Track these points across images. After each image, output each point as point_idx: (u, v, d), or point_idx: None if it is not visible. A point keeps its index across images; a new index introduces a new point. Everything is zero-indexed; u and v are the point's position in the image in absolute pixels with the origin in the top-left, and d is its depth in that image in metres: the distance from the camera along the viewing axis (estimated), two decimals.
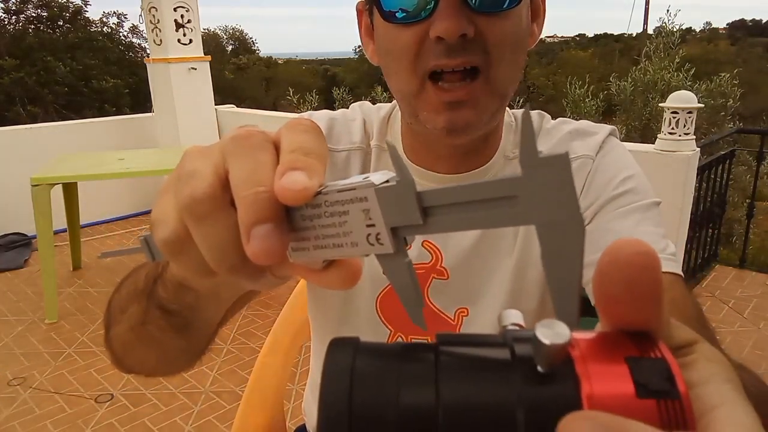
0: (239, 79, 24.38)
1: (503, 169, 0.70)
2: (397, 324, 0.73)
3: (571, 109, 6.25)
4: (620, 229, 0.63)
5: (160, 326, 0.46)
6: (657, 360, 0.20)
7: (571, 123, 0.73)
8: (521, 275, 0.70)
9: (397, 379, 0.21)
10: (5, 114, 14.92)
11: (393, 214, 0.25)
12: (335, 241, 0.26)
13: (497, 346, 0.22)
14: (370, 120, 0.74)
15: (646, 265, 0.20)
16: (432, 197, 0.24)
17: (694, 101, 2.79)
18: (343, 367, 0.21)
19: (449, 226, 0.24)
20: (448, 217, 0.24)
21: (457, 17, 0.54)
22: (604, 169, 0.68)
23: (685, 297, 0.60)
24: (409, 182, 0.24)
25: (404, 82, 0.60)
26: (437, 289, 0.71)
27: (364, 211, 0.25)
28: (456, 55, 0.56)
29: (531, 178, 0.21)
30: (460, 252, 0.70)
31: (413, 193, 0.24)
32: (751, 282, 3.38)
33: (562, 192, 0.21)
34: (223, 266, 0.28)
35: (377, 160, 0.72)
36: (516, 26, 0.59)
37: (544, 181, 0.21)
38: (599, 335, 0.21)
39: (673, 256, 0.62)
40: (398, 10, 0.58)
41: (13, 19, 18.36)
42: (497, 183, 0.22)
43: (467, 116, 0.58)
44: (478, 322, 0.71)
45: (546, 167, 0.21)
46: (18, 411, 2.31)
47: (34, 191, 2.93)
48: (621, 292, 0.20)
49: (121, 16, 20.70)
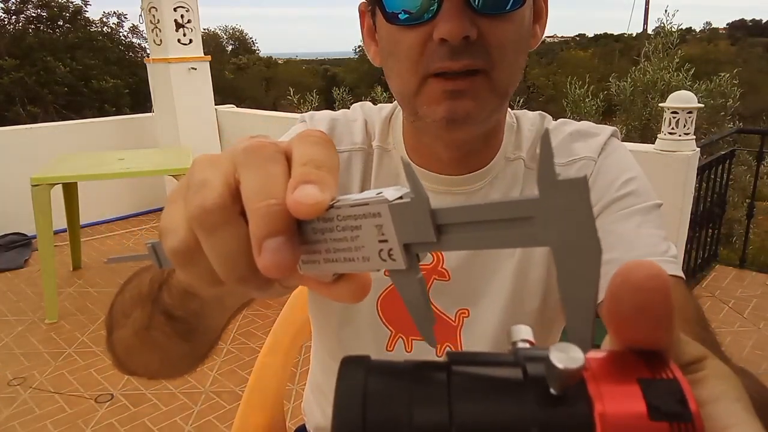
0: (239, 79, 24.37)
1: (504, 171, 0.70)
2: (398, 325, 0.72)
3: (571, 109, 6.25)
4: (622, 231, 0.63)
5: (165, 332, 0.46)
6: (669, 381, 0.20)
7: (573, 124, 0.73)
8: (523, 276, 0.70)
9: (409, 399, 0.21)
10: (5, 114, 14.92)
11: (406, 231, 0.25)
12: (346, 255, 0.26)
13: (509, 366, 0.22)
14: (371, 120, 0.74)
15: (657, 288, 0.20)
16: (446, 215, 0.24)
17: (694, 101, 2.79)
18: (356, 386, 0.21)
19: (463, 244, 0.24)
20: (462, 236, 0.24)
21: (460, 19, 0.54)
22: (606, 171, 0.68)
23: (686, 300, 0.60)
24: (424, 199, 0.24)
25: (406, 82, 0.60)
26: (438, 290, 0.71)
27: (377, 227, 0.25)
28: (459, 58, 0.56)
29: (549, 200, 0.21)
30: (462, 254, 0.70)
31: (428, 210, 0.24)
32: (751, 282, 3.38)
33: (580, 215, 0.21)
34: (233, 277, 0.28)
35: (379, 160, 0.72)
36: (518, 28, 0.59)
37: (562, 203, 0.21)
38: (610, 355, 0.21)
39: (674, 258, 0.62)
40: (401, 12, 0.57)
41: (13, 19, 18.37)
42: (514, 203, 0.22)
43: (467, 106, 0.58)
44: (478, 322, 0.71)
45: (564, 190, 0.21)
46: (18, 411, 2.31)
47: (34, 191, 2.93)
48: (633, 314, 0.20)
49: (121, 16, 20.72)
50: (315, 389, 0.90)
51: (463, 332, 0.72)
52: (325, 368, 0.84)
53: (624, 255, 0.61)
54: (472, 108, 0.59)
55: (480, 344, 0.71)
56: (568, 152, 0.70)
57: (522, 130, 0.72)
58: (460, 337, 0.72)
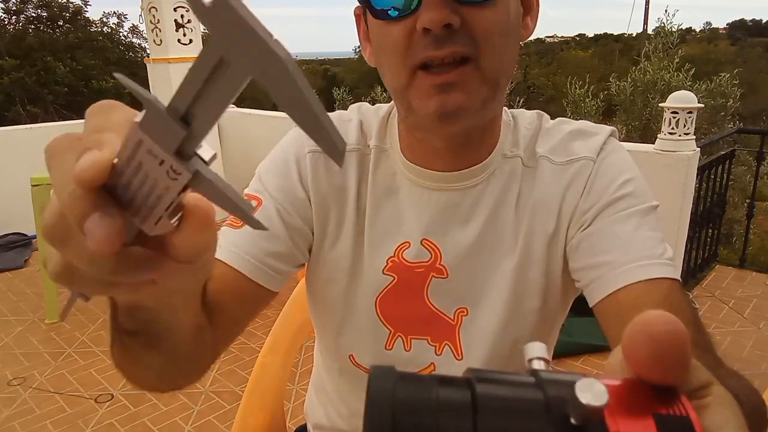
0: None
1: (501, 167, 0.70)
2: (397, 325, 0.73)
3: (571, 109, 6.26)
4: (620, 234, 0.64)
5: (134, 348, 0.46)
6: (682, 418, 0.21)
7: (571, 123, 0.73)
8: (522, 275, 0.70)
9: (436, 410, 0.21)
10: (5, 114, 14.92)
11: (165, 140, 0.25)
12: (156, 194, 0.26)
13: (530, 387, 0.23)
14: (367, 121, 0.74)
15: (674, 339, 0.22)
16: (178, 101, 0.24)
17: (694, 101, 2.79)
18: (386, 394, 0.22)
19: (210, 118, 0.24)
20: (204, 112, 0.24)
21: (440, 7, 0.56)
22: (605, 172, 0.68)
23: (680, 303, 0.61)
24: (152, 100, 0.24)
25: (396, 76, 0.61)
26: (437, 288, 0.71)
27: (149, 153, 0.25)
28: (443, 45, 0.57)
29: (216, 34, 0.21)
30: (460, 251, 0.70)
31: (162, 109, 0.24)
32: (751, 282, 3.38)
33: (244, 36, 0.21)
34: (107, 274, 0.28)
35: (376, 160, 0.72)
36: (503, 15, 0.60)
37: (224, 30, 0.21)
38: (626, 386, 0.23)
39: (670, 261, 0.63)
40: (390, 8, 0.59)
41: (13, 19, 18.37)
42: (201, 54, 0.22)
43: (458, 99, 0.59)
44: (478, 321, 0.71)
45: (215, 16, 0.21)
46: (18, 411, 2.31)
47: (34, 191, 2.93)
48: (650, 362, 0.22)
49: (121, 16, 20.72)
50: (318, 390, 0.90)
51: (462, 331, 0.72)
52: (328, 368, 0.84)
53: (621, 258, 0.62)
54: (464, 100, 0.59)
55: (479, 343, 0.71)
56: (566, 151, 0.70)
57: (519, 129, 0.72)
58: (459, 336, 0.72)
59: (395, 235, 0.71)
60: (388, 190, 0.71)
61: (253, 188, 0.72)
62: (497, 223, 0.70)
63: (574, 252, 0.67)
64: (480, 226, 0.69)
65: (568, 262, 0.69)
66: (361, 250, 0.72)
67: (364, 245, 0.71)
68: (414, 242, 0.70)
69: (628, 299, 0.60)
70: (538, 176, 0.69)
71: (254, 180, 0.73)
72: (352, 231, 0.71)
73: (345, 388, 0.81)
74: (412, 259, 0.70)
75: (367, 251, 0.71)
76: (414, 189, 0.70)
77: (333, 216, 0.71)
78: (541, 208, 0.69)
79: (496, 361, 0.71)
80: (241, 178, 5.33)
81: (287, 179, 0.71)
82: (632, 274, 0.60)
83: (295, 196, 0.70)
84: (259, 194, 0.71)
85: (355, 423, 0.82)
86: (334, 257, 0.72)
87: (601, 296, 0.62)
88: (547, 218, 0.69)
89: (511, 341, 0.71)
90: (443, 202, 0.69)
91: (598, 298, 0.63)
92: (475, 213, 0.70)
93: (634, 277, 0.60)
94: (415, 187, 0.70)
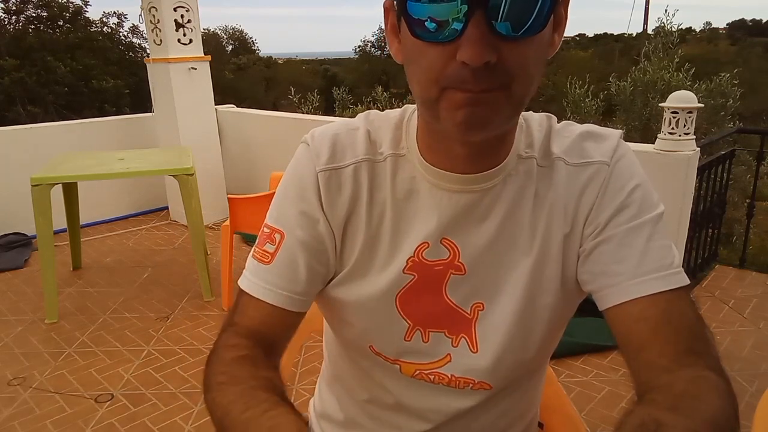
0: (239, 79, 24.37)
1: (517, 168, 0.72)
2: (416, 319, 0.75)
3: (571, 109, 6.26)
4: (635, 244, 0.67)
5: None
6: None
7: (578, 125, 0.75)
8: (538, 273, 0.72)
9: None
10: (5, 114, 14.92)
11: None
12: None
13: None
14: (375, 129, 0.75)
15: None
16: None
17: (694, 101, 2.79)
18: None
19: None
20: None
21: (483, 45, 0.55)
22: (618, 176, 0.70)
23: (682, 312, 0.64)
24: None
25: (426, 91, 0.61)
26: (455, 284, 0.73)
27: None
28: (479, 80, 0.57)
29: None
30: (477, 248, 0.72)
31: None
32: (751, 282, 3.38)
33: None
34: None
35: (394, 166, 0.73)
36: (540, 47, 0.60)
37: None
38: None
39: (680, 269, 0.66)
40: (427, 19, 0.57)
41: (13, 19, 18.37)
42: None
43: (485, 113, 0.59)
44: (493, 316, 0.73)
45: None
46: (18, 411, 2.31)
47: (34, 191, 2.93)
48: None
49: (121, 16, 20.75)
50: (331, 381, 0.91)
51: (478, 325, 0.74)
52: (344, 357, 0.86)
53: (634, 270, 0.66)
54: (490, 114, 0.60)
55: (493, 336, 0.73)
56: (580, 152, 0.72)
57: (531, 130, 0.74)
58: (475, 330, 0.74)
59: (416, 236, 0.72)
60: (408, 193, 0.73)
61: (273, 218, 0.74)
62: (514, 221, 0.72)
63: (587, 256, 0.70)
64: (497, 224, 0.71)
65: (580, 263, 0.71)
66: (378, 254, 0.73)
67: (383, 248, 0.73)
68: (433, 242, 0.72)
69: (633, 312, 0.65)
70: (554, 176, 0.72)
71: (273, 208, 0.75)
72: (366, 236, 0.73)
73: (363, 372, 0.83)
74: (432, 257, 0.72)
75: (387, 253, 0.73)
76: (434, 191, 0.71)
77: (350, 227, 0.73)
78: (557, 208, 0.71)
79: (509, 354, 0.74)
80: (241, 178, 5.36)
81: (305, 202, 0.72)
82: (639, 288, 0.65)
83: (315, 218, 0.72)
84: (282, 228, 0.73)
85: (370, 409, 0.85)
86: (354, 264, 0.74)
87: (610, 304, 0.67)
88: (564, 219, 0.71)
89: (524, 335, 0.73)
90: (462, 203, 0.71)
91: (607, 305, 0.67)
92: (493, 211, 0.71)
93: (641, 291, 0.65)
94: (435, 189, 0.71)
